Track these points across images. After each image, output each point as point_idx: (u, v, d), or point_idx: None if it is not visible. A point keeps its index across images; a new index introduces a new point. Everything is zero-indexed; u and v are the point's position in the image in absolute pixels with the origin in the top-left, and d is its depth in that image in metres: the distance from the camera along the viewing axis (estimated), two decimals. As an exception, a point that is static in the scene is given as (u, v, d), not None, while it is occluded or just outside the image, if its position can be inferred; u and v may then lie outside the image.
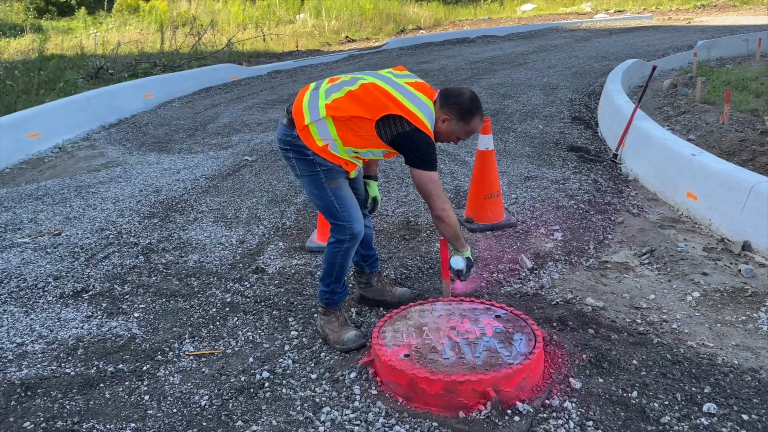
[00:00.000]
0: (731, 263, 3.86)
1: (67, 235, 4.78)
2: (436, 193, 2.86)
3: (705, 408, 2.48)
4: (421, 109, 2.82)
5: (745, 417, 2.42)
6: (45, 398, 2.79)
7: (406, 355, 2.66)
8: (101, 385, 2.88)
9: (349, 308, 3.42)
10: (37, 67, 11.99)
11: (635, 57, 11.80)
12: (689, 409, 2.49)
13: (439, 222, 2.95)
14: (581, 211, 4.78)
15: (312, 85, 2.98)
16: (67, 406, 2.73)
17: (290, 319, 3.38)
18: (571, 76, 11.25)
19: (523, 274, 3.83)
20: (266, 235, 4.63)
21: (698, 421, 2.41)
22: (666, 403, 2.52)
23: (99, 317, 3.52)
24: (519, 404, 2.47)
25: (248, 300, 3.63)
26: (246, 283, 3.85)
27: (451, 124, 2.89)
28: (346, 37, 19.78)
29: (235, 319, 3.43)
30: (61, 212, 5.33)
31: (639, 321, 3.23)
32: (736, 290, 3.52)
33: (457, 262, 3.06)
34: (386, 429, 2.44)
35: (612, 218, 4.68)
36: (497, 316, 2.95)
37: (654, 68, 6.59)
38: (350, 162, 2.96)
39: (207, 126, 8.70)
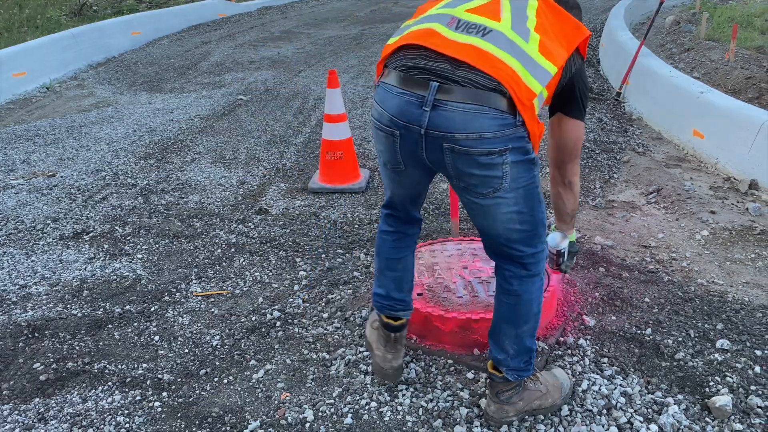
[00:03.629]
0: (738, 202, 3.84)
1: (62, 177, 4.66)
2: (578, 153, 2.10)
3: (718, 344, 2.48)
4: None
5: (758, 353, 2.43)
6: (53, 339, 2.76)
7: (419, 294, 2.64)
8: (109, 326, 2.85)
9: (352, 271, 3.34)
10: (17, 4, 11.51)
11: (636, -7, 11.47)
12: (702, 345, 2.49)
13: (566, 191, 2.16)
14: (586, 150, 4.71)
15: (453, 11, 1.79)
16: (77, 347, 2.70)
17: (297, 260, 3.34)
18: (571, 13, 10.93)
19: (530, 213, 3.79)
20: (267, 177, 4.54)
21: (712, 357, 2.42)
22: (680, 339, 2.52)
23: (102, 259, 3.46)
24: (534, 342, 2.46)
25: (253, 241, 3.58)
26: (250, 224, 3.79)
27: None
28: (337, -28, 19.05)
29: (242, 259, 3.38)
30: (53, 153, 5.19)
31: (648, 259, 3.21)
32: (744, 228, 3.50)
33: (556, 238, 2.33)
34: (401, 367, 2.43)
35: (617, 157, 4.62)
36: (509, 255, 2.92)
37: (662, 2, 6.40)
38: None
39: (198, 64, 8.45)
